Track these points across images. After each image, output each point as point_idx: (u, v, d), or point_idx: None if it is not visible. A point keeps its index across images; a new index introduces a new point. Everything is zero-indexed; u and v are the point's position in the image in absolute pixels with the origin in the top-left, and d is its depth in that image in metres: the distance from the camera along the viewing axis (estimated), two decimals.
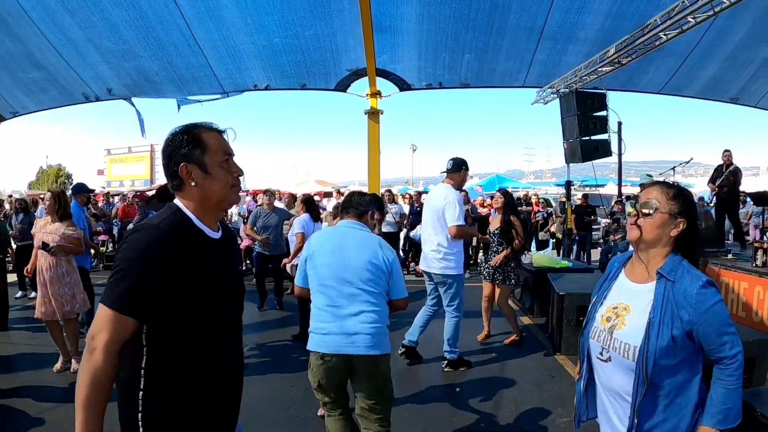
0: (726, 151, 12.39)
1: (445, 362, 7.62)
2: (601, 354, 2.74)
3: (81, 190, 10.79)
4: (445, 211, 7.38)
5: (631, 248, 2.97)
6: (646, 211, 2.68)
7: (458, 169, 7.69)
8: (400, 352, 7.80)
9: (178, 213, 2.40)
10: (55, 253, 7.52)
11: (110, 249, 16.61)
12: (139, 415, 2.23)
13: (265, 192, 11.90)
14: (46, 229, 7.69)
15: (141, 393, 2.23)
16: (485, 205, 17.33)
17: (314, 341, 4.23)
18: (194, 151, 2.41)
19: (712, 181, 12.64)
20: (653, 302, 2.57)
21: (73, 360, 7.77)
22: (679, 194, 2.70)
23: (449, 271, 7.54)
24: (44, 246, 7.18)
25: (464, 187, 10.31)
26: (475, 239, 15.62)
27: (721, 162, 12.44)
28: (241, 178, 2.60)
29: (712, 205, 13.88)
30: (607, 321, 2.74)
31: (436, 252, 7.53)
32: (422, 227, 8.03)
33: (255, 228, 10.83)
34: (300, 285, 4.49)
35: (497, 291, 8.80)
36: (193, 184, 2.40)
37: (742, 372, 2.53)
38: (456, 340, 7.66)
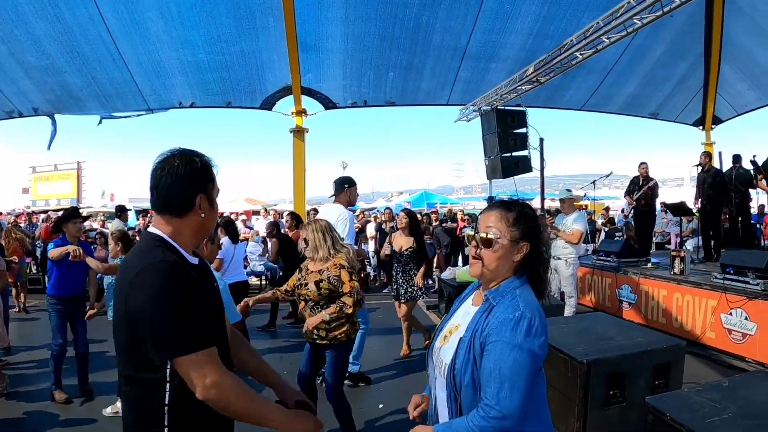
0: (642, 163, 12.74)
1: (347, 374, 7.78)
2: (434, 370, 2.67)
3: None
4: (346, 231, 7.55)
5: None
6: (485, 238, 2.51)
7: (342, 189, 7.85)
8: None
9: (163, 242, 2.41)
10: None
11: (34, 271, 15.95)
12: None
13: None
14: None
15: (166, 430, 2.24)
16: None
17: None
18: (208, 183, 2.48)
19: (629, 193, 13.03)
20: (470, 322, 2.49)
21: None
22: (520, 217, 2.52)
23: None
24: None
25: (391, 204, 10.48)
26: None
27: (638, 174, 12.84)
28: None
29: (630, 217, 14.32)
30: (444, 339, 2.65)
31: None
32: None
33: None
34: None
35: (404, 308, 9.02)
36: (202, 215, 2.47)
37: None
38: (360, 354, 7.85)
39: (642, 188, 12.46)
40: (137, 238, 15.35)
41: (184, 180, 2.37)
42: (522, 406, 2.27)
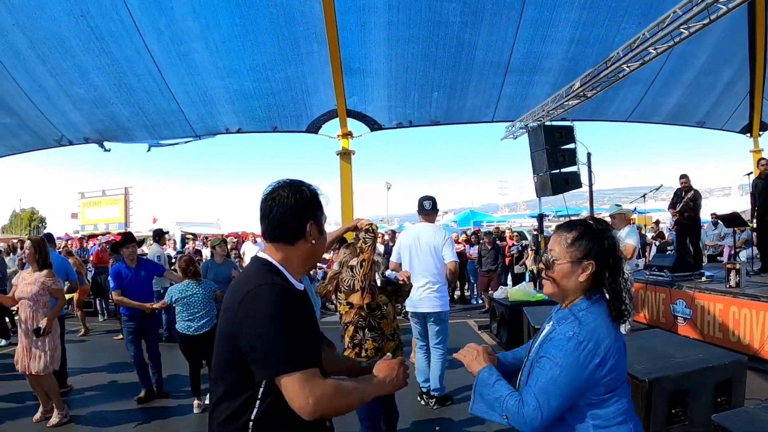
0: (683, 176, 12.75)
1: (433, 399, 7.83)
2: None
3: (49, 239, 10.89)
4: (445, 248, 7.70)
5: None
6: (545, 260, 2.61)
7: (436, 210, 8.11)
8: (432, 404, 7.88)
9: (272, 267, 2.53)
10: (47, 332, 7.30)
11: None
12: None
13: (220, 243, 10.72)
14: (26, 280, 7.47)
15: None
16: (459, 241, 17.68)
17: None
18: (318, 211, 2.63)
19: (673, 206, 13.02)
20: (536, 342, 2.65)
21: (55, 412, 7.50)
22: (581, 236, 2.53)
23: (445, 307, 7.79)
24: (36, 332, 7.13)
25: (438, 223, 10.65)
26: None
27: (680, 186, 12.82)
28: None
29: (673, 230, 14.27)
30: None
31: (434, 290, 7.80)
32: (407, 266, 7.82)
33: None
34: None
35: None
36: (313, 241, 2.59)
37: (508, 407, 2.44)
38: (444, 377, 7.90)
39: (683, 200, 12.45)
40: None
41: (294, 209, 2.51)
42: (547, 421, 2.38)
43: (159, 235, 14.11)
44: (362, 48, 12.38)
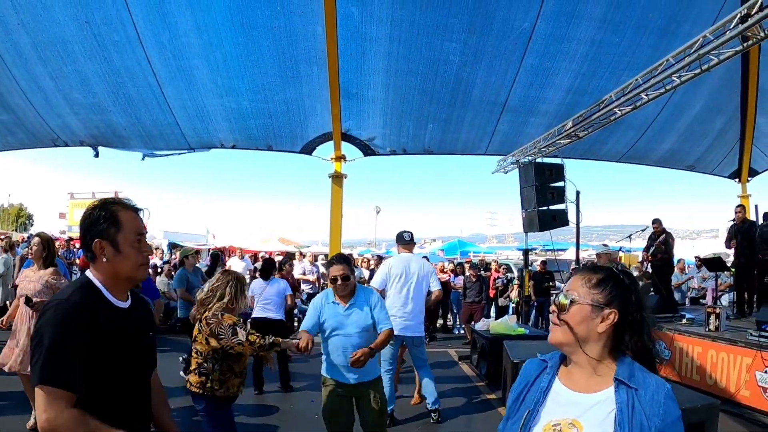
0: (655, 220, 13.33)
1: (436, 414, 8.47)
2: None
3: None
4: (432, 278, 8.34)
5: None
6: (561, 301, 2.33)
7: (414, 242, 8.69)
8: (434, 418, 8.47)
9: (87, 285, 2.65)
10: (38, 308, 7.02)
11: None
12: None
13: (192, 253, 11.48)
14: (30, 278, 7.40)
15: None
16: (445, 270, 17.99)
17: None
18: (109, 228, 2.66)
19: (646, 249, 13.43)
20: (618, 414, 2.13)
21: None
22: (606, 280, 2.30)
23: (423, 332, 8.75)
24: (27, 301, 7.16)
25: (425, 251, 10.89)
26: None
27: (653, 230, 13.25)
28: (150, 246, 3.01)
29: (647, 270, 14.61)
30: None
31: (417, 316, 8.41)
32: (395, 293, 8.47)
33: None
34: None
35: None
36: (104, 260, 2.64)
37: None
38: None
39: (656, 244, 12.86)
40: (173, 272, 15.80)
41: (83, 230, 2.72)
42: None
43: None
44: (361, 74, 12.62)
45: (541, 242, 27.14)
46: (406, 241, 8.74)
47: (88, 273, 2.73)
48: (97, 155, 15.72)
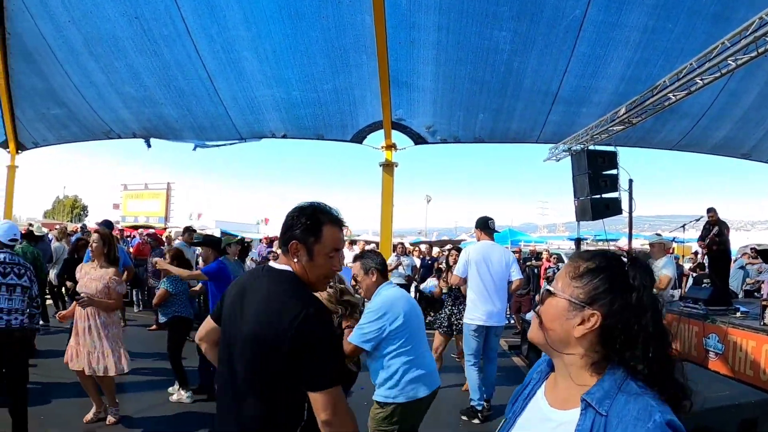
0: (710, 209, 13.14)
1: (487, 403, 8.48)
2: None
3: (108, 226, 11.45)
4: (514, 266, 8.37)
5: None
6: (543, 291, 1.98)
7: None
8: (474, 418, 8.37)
9: (302, 284, 2.88)
10: (85, 305, 7.26)
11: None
12: None
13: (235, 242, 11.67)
14: (90, 275, 7.33)
15: None
16: None
17: (424, 385, 4.90)
18: (309, 237, 2.83)
19: (702, 239, 13.27)
20: None
21: (111, 410, 7.58)
22: (594, 271, 1.85)
23: (504, 321, 8.88)
24: (74, 295, 7.25)
25: (475, 239, 10.97)
26: None
27: (708, 220, 13.08)
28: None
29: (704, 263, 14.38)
30: None
31: (500, 305, 8.48)
32: (476, 282, 8.48)
33: None
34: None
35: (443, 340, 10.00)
36: (295, 260, 2.85)
37: None
38: None
39: (710, 235, 12.70)
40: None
41: (285, 225, 2.92)
42: None
43: (187, 231, 14.60)
44: (410, 63, 12.68)
45: (593, 232, 26.84)
46: (490, 228, 8.75)
47: (284, 267, 2.93)
48: (149, 146, 16.06)
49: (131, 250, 17.72)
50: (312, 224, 2.86)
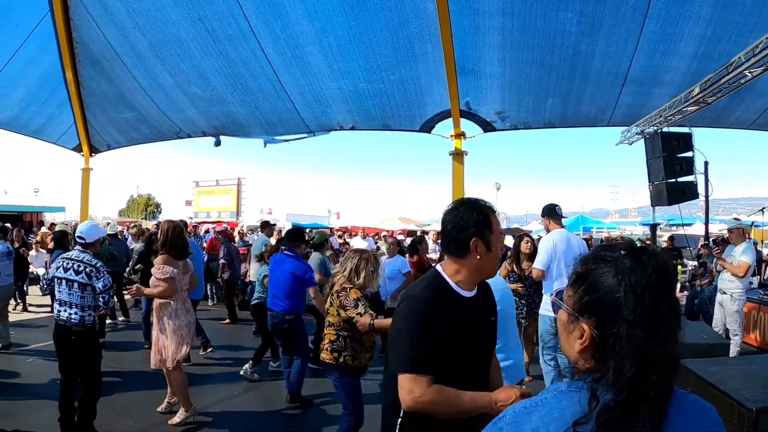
0: None
1: None
2: None
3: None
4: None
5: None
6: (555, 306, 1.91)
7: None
8: None
9: (437, 279, 3.16)
10: (133, 295, 8.05)
11: None
12: None
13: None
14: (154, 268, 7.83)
15: (399, 420, 3.10)
16: None
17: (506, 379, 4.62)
18: (485, 230, 3.07)
19: None
20: None
21: (180, 410, 7.77)
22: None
23: None
24: (122, 280, 7.58)
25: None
26: None
27: None
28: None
29: None
30: None
31: None
32: (561, 272, 8.47)
33: None
34: None
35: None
36: (477, 257, 3.06)
37: None
38: None
39: None
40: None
41: (459, 227, 3.08)
42: None
43: (266, 226, 14.88)
44: (476, 50, 12.64)
45: (665, 216, 26.49)
46: (557, 214, 8.78)
47: (438, 268, 3.26)
48: (218, 144, 16.39)
49: (205, 245, 18.18)
50: (483, 218, 3.10)
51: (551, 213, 8.83)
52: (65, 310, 6.83)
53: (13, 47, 14.32)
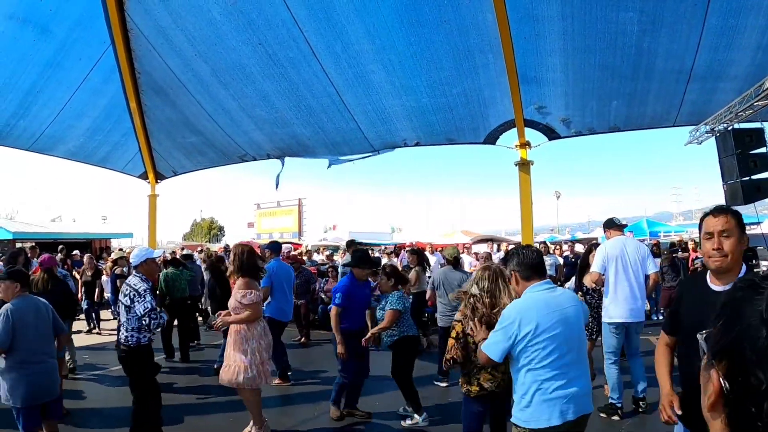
0: None
1: (643, 402, 8.92)
2: None
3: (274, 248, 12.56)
4: (649, 260, 8.70)
5: None
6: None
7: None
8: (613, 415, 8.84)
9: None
10: (218, 328, 8.56)
11: None
12: None
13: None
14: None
15: None
16: None
17: (557, 410, 4.48)
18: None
19: None
20: None
21: (252, 428, 8.09)
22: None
23: (644, 317, 9.34)
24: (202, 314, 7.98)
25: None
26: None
27: None
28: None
29: None
30: None
31: (639, 300, 8.98)
32: (615, 278, 8.90)
33: None
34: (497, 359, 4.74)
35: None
36: None
37: None
38: None
39: None
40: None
41: None
42: None
43: (351, 246, 15.29)
44: (537, 57, 12.87)
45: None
46: (617, 224, 9.18)
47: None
48: (283, 165, 16.93)
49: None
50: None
51: (610, 225, 9.48)
52: (120, 331, 7.68)
53: (78, 80, 15.22)
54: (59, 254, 19.32)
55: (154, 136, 18.03)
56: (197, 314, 16.21)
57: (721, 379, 1.30)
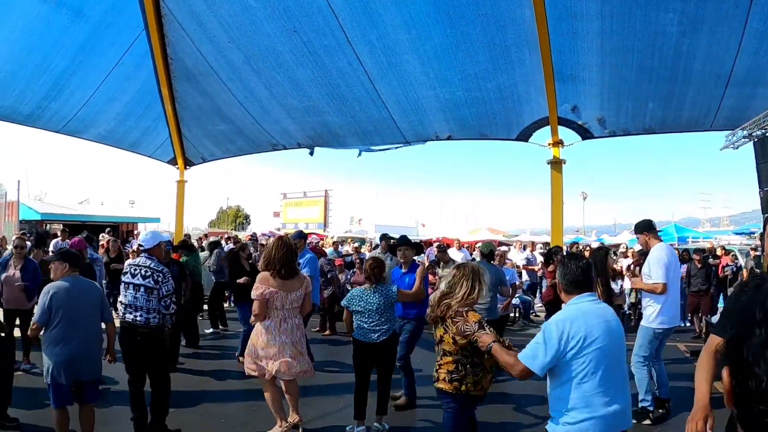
0: None
1: (668, 402, 9.04)
2: None
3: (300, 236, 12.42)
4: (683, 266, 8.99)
5: None
6: None
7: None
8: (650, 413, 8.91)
9: None
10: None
11: None
12: None
13: None
14: None
15: None
16: None
17: (599, 428, 4.39)
18: None
19: None
20: None
21: (291, 416, 7.99)
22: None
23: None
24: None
25: (634, 236, 11.22)
26: None
27: None
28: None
29: None
30: None
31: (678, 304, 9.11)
32: (672, 286, 8.88)
33: None
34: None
35: None
36: None
37: None
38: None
39: None
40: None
41: None
42: None
43: (384, 239, 15.40)
44: (574, 55, 12.89)
45: (758, 225, 26.08)
46: (654, 228, 9.26)
47: None
48: (312, 154, 17.11)
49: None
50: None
51: (650, 228, 9.19)
52: (130, 313, 7.64)
53: (110, 65, 15.57)
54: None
55: (184, 122, 18.37)
56: (222, 301, 16.51)
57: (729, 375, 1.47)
